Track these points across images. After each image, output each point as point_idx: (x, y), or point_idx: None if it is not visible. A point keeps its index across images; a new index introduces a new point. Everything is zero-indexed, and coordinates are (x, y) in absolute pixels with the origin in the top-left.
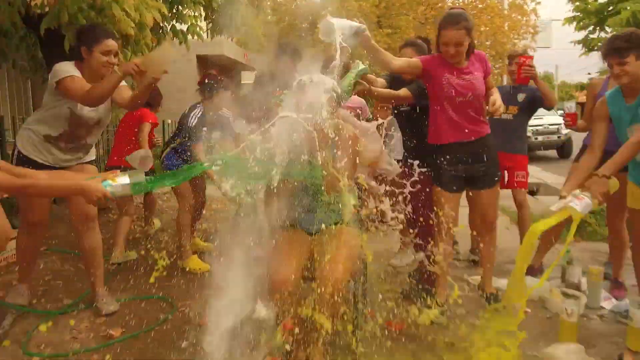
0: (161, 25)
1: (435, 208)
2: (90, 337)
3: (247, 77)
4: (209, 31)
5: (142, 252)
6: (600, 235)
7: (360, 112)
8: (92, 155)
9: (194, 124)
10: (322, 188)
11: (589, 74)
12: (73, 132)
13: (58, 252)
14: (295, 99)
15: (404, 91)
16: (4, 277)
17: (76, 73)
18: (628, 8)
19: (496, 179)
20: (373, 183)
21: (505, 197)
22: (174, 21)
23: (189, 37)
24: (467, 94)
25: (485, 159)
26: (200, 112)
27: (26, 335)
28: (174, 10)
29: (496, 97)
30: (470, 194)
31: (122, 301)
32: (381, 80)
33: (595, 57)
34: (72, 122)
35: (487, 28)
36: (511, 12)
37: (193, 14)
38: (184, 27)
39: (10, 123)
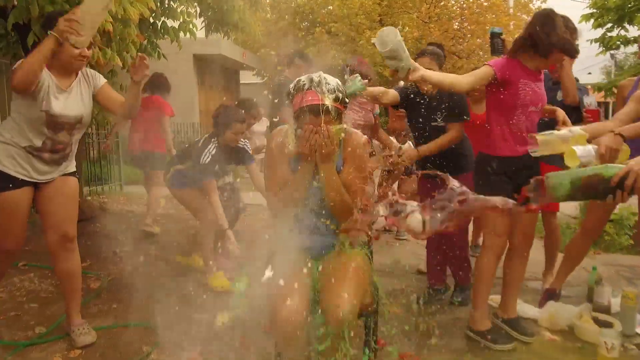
0: (151, 21)
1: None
2: None
3: (246, 77)
4: (204, 29)
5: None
6: (620, 245)
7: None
8: (73, 166)
9: (206, 161)
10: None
11: (590, 73)
12: (55, 139)
13: (37, 268)
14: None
15: (391, 92)
16: None
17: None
18: None
19: None
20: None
21: None
22: (165, 17)
23: (182, 34)
24: (538, 104)
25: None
26: (214, 149)
27: None
28: (165, 6)
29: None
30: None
31: (101, 328)
32: (392, 92)
33: (600, 57)
34: (51, 126)
35: (492, 25)
36: (517, 11)
37: (186, 10)
38: (176, 24)
39: None
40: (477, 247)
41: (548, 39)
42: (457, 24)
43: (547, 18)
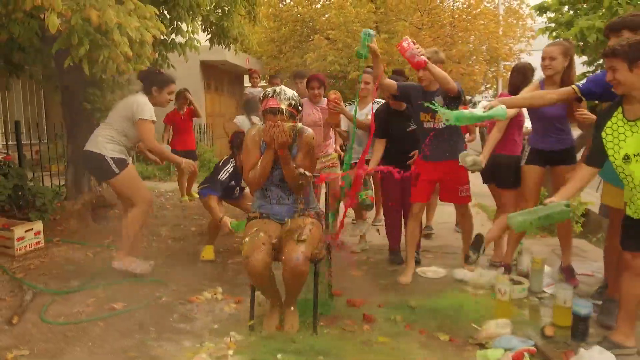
0: (162, 39)
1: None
2: (96, 309)
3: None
4: (208, 41)
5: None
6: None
7: None
8: None
9: (224, 178)
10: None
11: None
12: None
13: (69, 243)
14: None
15: (391, 81)
16: (27, 262)
17: (153, 115)
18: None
19: None
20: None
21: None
22: (173, 35)
23: (188, 50)
24: None
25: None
26: (232, 168)
27: (41, 309)
28: (174, 25)
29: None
30: None
31: (124, 281)
32: (392, 81)
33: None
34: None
35: (481, 34)
36: (507, 17)
37: (190, 29)
38: (183, 41)
39: (25, 127)
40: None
41: None
42: (447, 30)
43: None
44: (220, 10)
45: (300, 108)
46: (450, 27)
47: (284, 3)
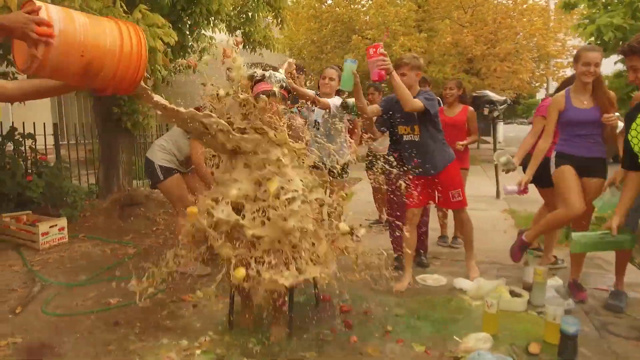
0: (188, 45)
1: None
2: (94, 303)
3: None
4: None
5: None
6: None
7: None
8: None
9: None
10: None
11: None
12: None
13: (92, 239)
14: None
15: (374, 107)
16: (48, 256)
17: None
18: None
19: None
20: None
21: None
22: (192, 41)
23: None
24: None
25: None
26: None
27: (44, 301)
28: (193, 31)
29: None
30: None
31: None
32: (376, 106)
33: None
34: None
35: (526, 30)
36: (558, 13)
37: (210, 34)
38: (202, 46)
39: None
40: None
41: None
42: (491, 27)
43: None
44: (244, 16)
45: (289, 90)
46: (494, 24)
47: (325, 4)
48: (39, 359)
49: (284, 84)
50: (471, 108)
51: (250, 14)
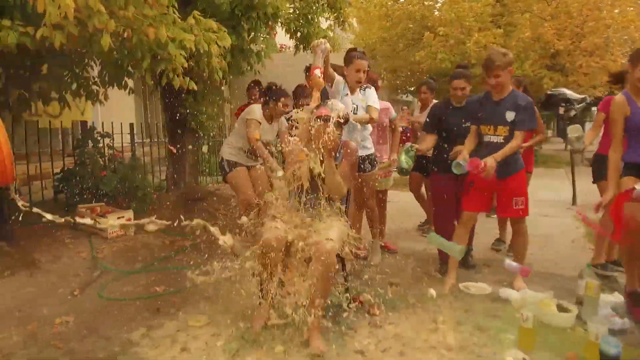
0: (242, 48)
1: None
2: (143, 290)
3: None
4: (294, 48)
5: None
6: None
7: (388, 111)
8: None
9: None
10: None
11: None
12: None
13: (156, 231)
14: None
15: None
16: (113, 244)
17: (259, 117)
18: None
19: None
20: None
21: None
22: (250, 45)
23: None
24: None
25: None
26: None
27: (101, 286)
28: (252, 35)
29: None
30: None
31: (171, 268)
32: (430, 138)
33: None
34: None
35: (616, 23)
36: None
37: (266, 37)
38: (259, 49)
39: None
40: (499, 241)
41: None
42: (576, 20)
43: None
44: (302, 18)
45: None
46: (580, 17)
47: (398, 2)
48: None
49: (342, 114)
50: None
51: (309, 16)
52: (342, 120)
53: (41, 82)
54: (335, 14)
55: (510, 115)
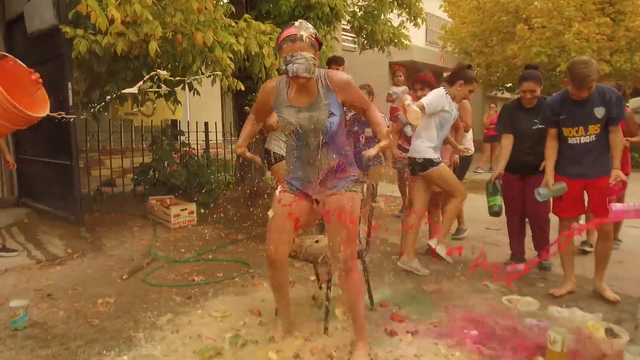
0: None
1: None
2: (182, 278)
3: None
4: (358, 46)
5: None
6: None
7: None
8: None
9: None
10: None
11: None
12: None
13: (216, 223)
14: None
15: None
16: (174, 234)
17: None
18: None
19: None
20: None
21: None
22: None
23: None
24: None
25: None
26: None
27: (148, 272)
28: None
29: None
30: None
31: (218, 260)
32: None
33: None
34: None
35: None
36: None
37: (324, 37)
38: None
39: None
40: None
41: None
42: None
43: None
44: (369, 15)
45: (320, 42)
46: None
47: None
48: None
49: (315, 33)
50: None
51: (375, 12)
52: (317, 42)
53: (117, 84)
54: (406, 10)
55: (600, 112)
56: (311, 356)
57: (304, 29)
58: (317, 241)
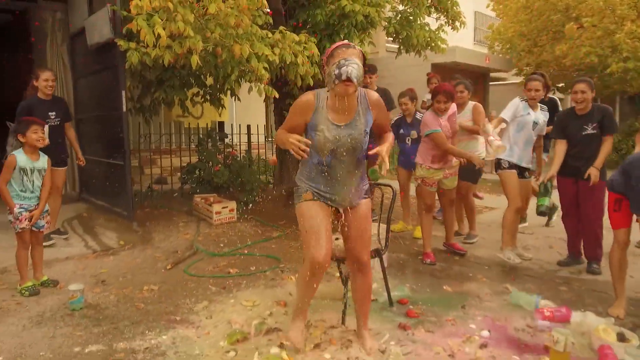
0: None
1: None
2: (219, 270)
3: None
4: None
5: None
6: None
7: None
8: None
9: None
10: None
11: None
12: None
13: (255, 220)
14: None
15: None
16: (215, 230)
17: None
18: None
19: None
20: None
21: None
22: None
23: None
24: None
25: None
26: None
27: (189, 264)
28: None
29: None
30: None
31: (248, 254)
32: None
33: None
34: None
35: None
36: None
37: (360, 43)
38: None
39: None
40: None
41: None
42: None
43: None
44: (405, 20)
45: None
46: None
47: None
48: None
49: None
50: None
51: (411, 17)
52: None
53: (164, 91)
54: (444, 14)
55: None
56: (330, 345)
57: (352, 44)
58: (337, 238)
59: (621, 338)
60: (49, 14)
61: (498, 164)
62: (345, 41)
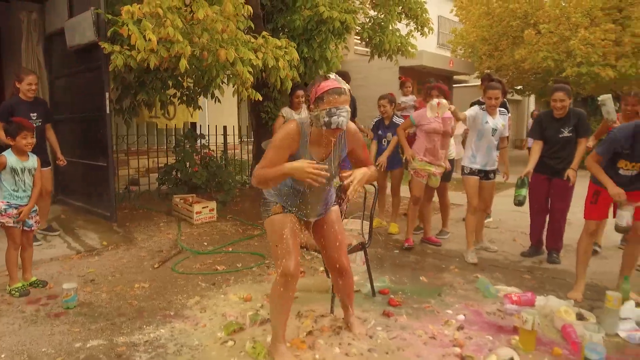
0: (313, 58)
1: None
2: (206, 267)
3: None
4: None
5: None
6: None
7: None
8: None
9: None
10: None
11: None
12: None
13: (234, 220)
14: None
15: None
16: (196, 229)
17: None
18: None
19: None
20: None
21: None
22: (321, 55)
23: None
24: None
25: None
26: None
27: (176, 262)
28: (322, 46)
29: None
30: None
31: (237, 252)
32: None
33: None
34: None
35: None
36: None
37: (335, 48)
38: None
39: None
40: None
41: None
42: None
43: None
44: (377, 26)
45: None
46: None
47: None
48: None
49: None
50: None
51: (383, 24)
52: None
53: (147, 93)
54: (413, 20)
55: None
56: (321, 333)
57: (342, 82)
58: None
59: (580, 317)
60: (24, 14)
61: (462, 168)
62: (336, 83)
